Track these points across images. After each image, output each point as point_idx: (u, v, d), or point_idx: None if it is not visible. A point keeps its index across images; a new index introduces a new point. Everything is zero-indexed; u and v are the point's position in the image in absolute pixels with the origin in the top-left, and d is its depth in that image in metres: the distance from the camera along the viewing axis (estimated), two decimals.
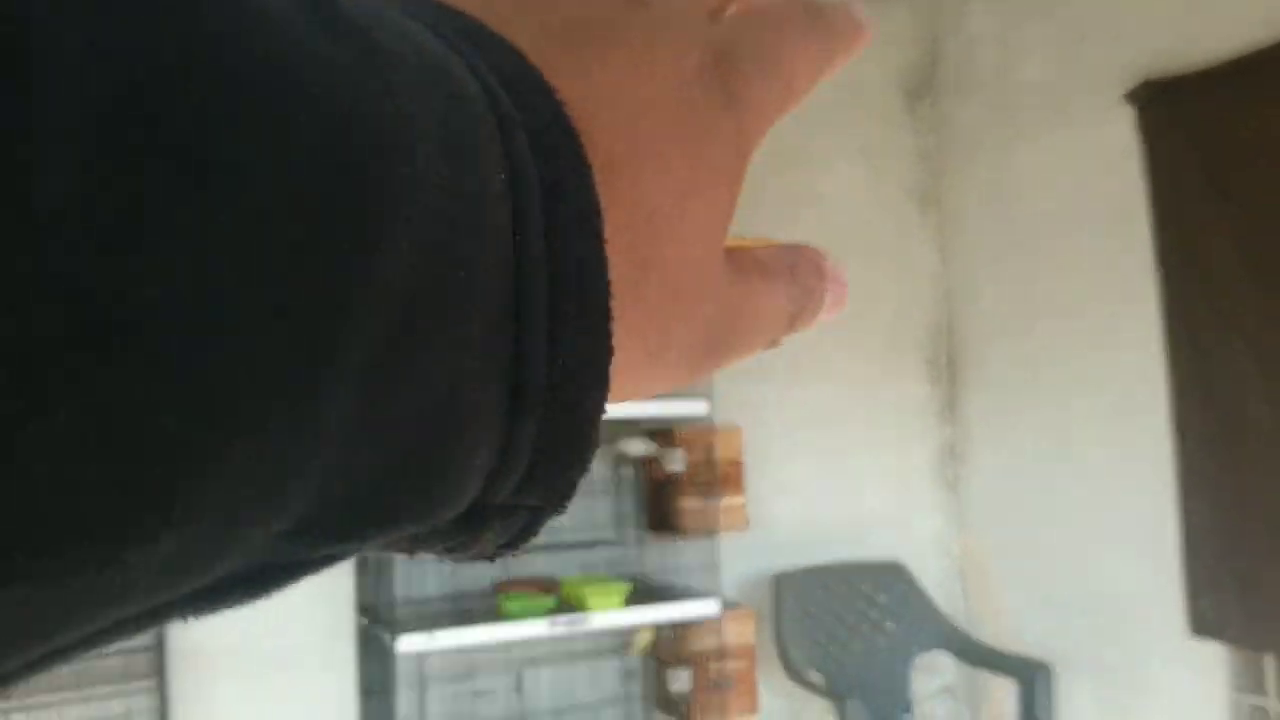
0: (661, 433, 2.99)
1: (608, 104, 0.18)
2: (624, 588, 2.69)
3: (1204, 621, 2.85)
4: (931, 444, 3.70)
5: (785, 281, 0.23)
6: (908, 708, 3.14)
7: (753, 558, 3.27)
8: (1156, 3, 3.01)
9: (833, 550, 3.36)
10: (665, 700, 3.00)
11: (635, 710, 3.15)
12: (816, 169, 3.58)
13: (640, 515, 3.16)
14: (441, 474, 0.14)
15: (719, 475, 2.94)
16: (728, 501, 2.98)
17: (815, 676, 3.01)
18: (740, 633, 2.95)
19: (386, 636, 2.46)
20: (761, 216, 3.37)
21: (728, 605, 2.90)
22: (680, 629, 2.92)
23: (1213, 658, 2.85)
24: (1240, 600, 2.75)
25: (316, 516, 0.13)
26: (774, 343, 0.23)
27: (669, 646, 2.97)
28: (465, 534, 0.16)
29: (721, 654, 2.82)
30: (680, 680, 2.84)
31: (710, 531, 2.90)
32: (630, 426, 3.01)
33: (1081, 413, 3.24)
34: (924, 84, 3.85)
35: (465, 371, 0.14)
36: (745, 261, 0.22)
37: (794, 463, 3.42)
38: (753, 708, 2.95)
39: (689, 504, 2.95)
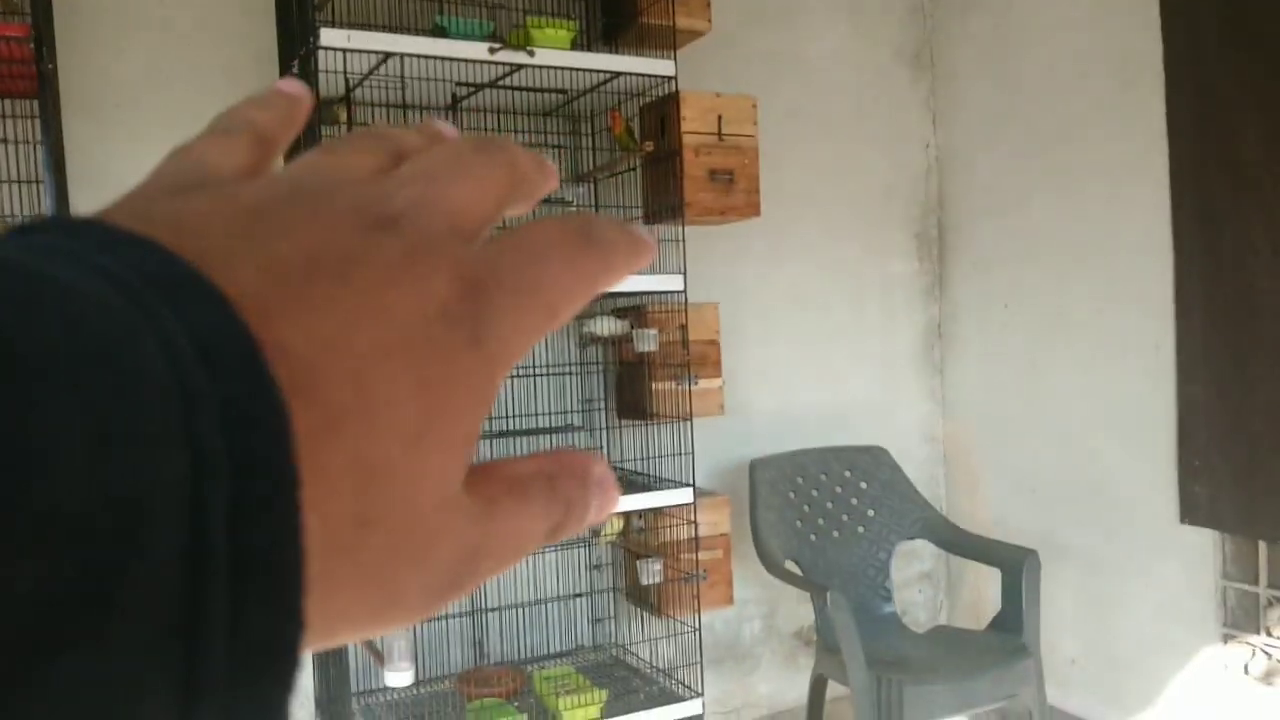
0: (632, 310, 2.78)
1: (335, 351, 0.17)
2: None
3: (1195, 508, 2.73)
4: (918, 325, 3.52)
5: (543, 500, 0.22)
6: (889, 597, 3.03)
7: (728, 444, 3.10)
8: None
9: (812, 438, 3.20)
10: (636, 592, 2.86)
11: (604, 602, 3.03)
12: (800, 30, 3.28)
13: (609, 398, 2.97)
14: None
15: (693, 355, 2.74)
16: (704, 385, 2.79)
17: (792, 566, 2.88)
18: (714, 522, 2.81)
19: None
20: (741, 81, 3.09)
21: (701, 493, 2.74)
22: (651, 518, 2.77)
23: (1202, 545, 2.74)
24: (1235, 486, 2.63)
25: None
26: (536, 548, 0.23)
27: (639, 537, 2.82)
28: None
29: (694, 544, 2.68)
30: (651, 572, 2.70)
31: (684, 416, 2.72)
32: (598, 304, 2.79)
33: (1078, 292, 3.05)
34: None
35: (120, 682, 0.13)
36: (495, 483, 0.21)
37: (773, 346, 3.23)
38: (728, 599, 2.83)
39: (661, 387, 2.76)
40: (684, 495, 2.63)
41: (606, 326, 2.75)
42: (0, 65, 2.16)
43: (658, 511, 2.71)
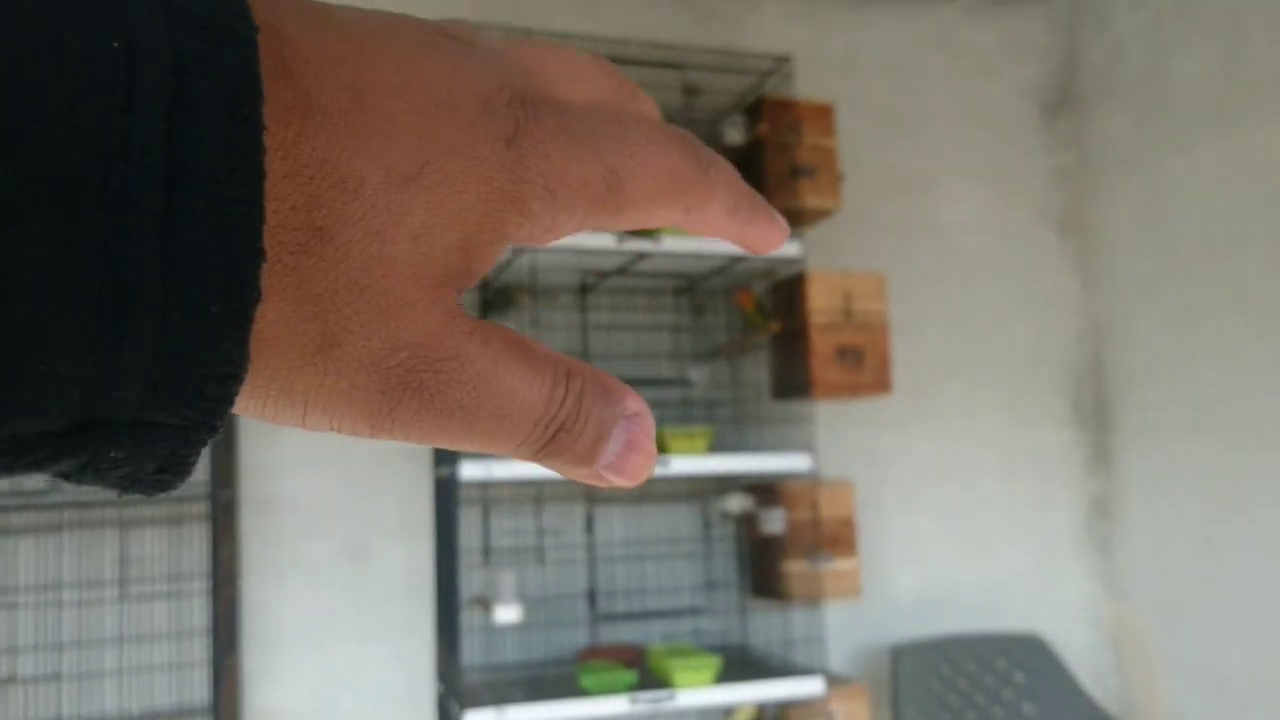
0: (762, 487, 2.74)
1: (344, 62, 0.17)
2: (714, 662, 2.44)
3: None
4: (1078, 499, 3.29)
5: (549, 378, 0.20)
6: None
7: (867, 628, 2.95)
8: None
9: (960, 621, 3.00)
10: None
11: None
12: (938, 194, 3.26)
13: (740, 579, 2.91)
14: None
15: (825, 535, 2.66)
16: (838, 565, 2.69)
17: None
18: (852, 713, 2.65)
19: (455, 709, 2.30)
20: (875, 249, 3.09)
21: (837, 681, 2.60)
22: (783, 709, 2.65)
23: None
24: None
25: None
26: (520, 451, 0.20)
27: None
28: (83, 452, 0.14)
29: None
30: None
31: (816, 598, 2.62)
32: (727, 481, 2.78)
33: (1255, 463, 2.79)
34: (1062, 97, 3.47)
35: (17, 264, 0.12)
36: (506, 338, 0.19)
37: (914, 520, 3.09)
38: None
39: (792, 567, 2.68)
40: (814, 684, 2.51)
41: (736, 504, 2.72)
42: None
43: (787, 704, 2.59)
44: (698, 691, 2.41)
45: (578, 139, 0.19)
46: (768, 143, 2.78)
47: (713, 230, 0.25)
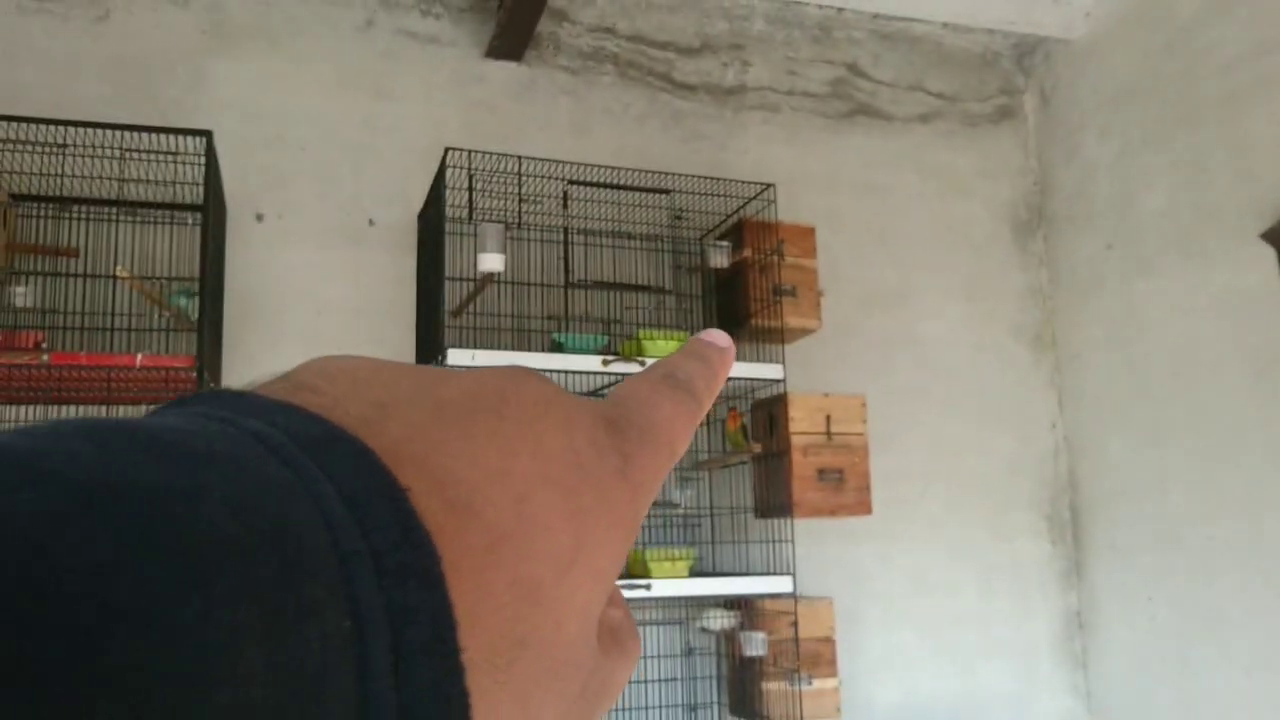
0: (743, 602, 2.76)
1: (497, 478, 0.18)
2: None
3: None
4: (1055, 612, 3.32)
5: (636, 646, 0.23)
6: None
7: None
8: None
9: None
10: None
11: None
12: (914, 310, 3.34)
13: (720, 695, 2.91)
14: None
15: (806, 654, 2.68)
16: (818, 685, 2.71)
17: None
18: None
19: None
20: (854, 364, 3.16)
21: None
22: None
23: None
24: None
25: None
26: None
27: None
28: None
29: None
30: None
31: (796, 719, 2.63)
32: (707, 598, 2.79)
33: (1226, 585, 2.84)
34: (1034, 217, 3.59)
35: None
36: (627, 631, 0.22)
37: (895, 634, 3.11)
38: None
39: (772, 687, 2.69)
40: None
41: (717, 621, 2.74)
42: (163, 390, 2.46)
43: None
44: None
45: (648, 433, 0.22)
46: (750, 265, 2.86)
47: None
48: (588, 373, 2.55)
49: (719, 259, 2.85)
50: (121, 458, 0.14)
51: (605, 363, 2.56)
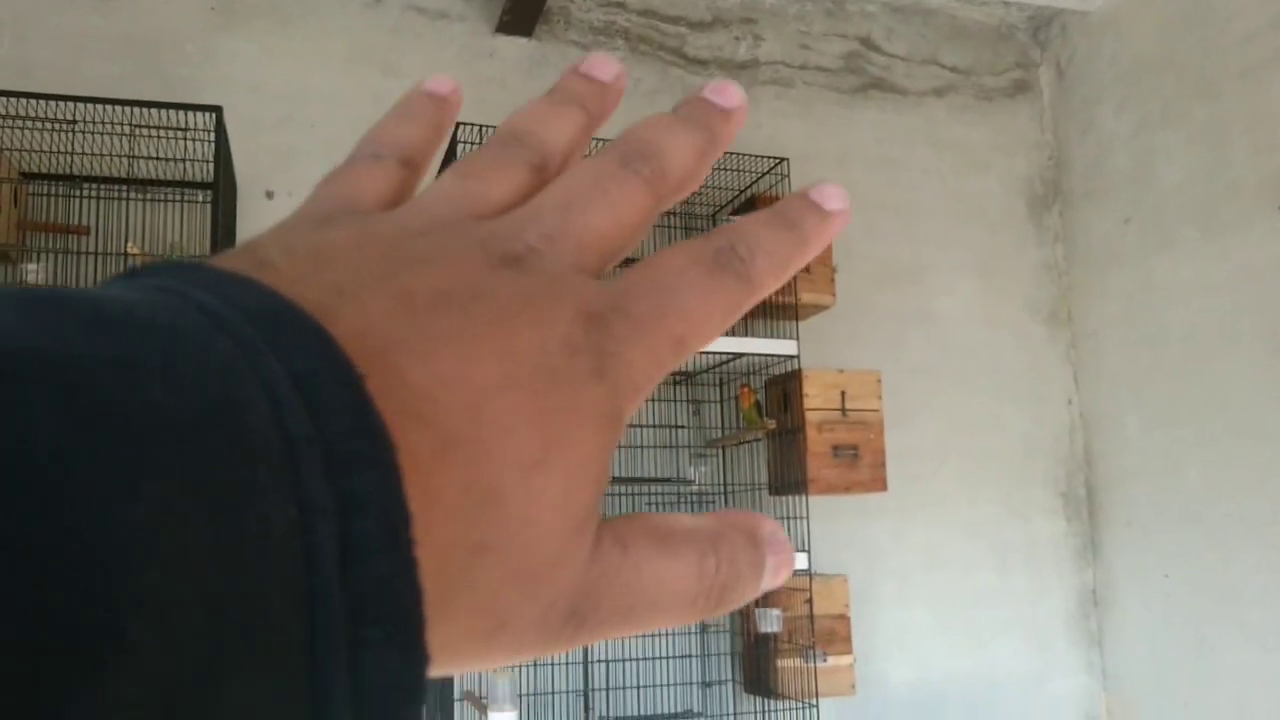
0: None
1: (454, 383, 0.18)
2: None
3: None
4: (1070, 590, 3.31)
5: (696, 555, 0.21)
6: None
7: None
8: None
9: (956, 715, 3.00)
10: None
11: None
12: (929, 286, 3.32)
13: (735, 676, 2.90)
14: None
15: (820, 631, 2.67)
16: (833, 662, 2.70)
17: None
18: None
19: None
20: (868, 341, 3.14)
21: None
22: None
23: None
24: None
25: None
26: (691, 619, 0.21)
27: None
28: None
29: None
30: None
31: (811, 696, 2.62)
32: None
33: (1244, 562, 2.82)
34: (1049, 192, 3.55)
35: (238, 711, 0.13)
36: (636, 529, 0.21)
37: (909, 612, 3.10)
38: None
39: (787, 664, 2.68)
40: None
41: None
42: None
43: None
44: None
45: (644, 326, 0.21)
46: None
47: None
48: None
49: None
50: (50, 327, 0.13)
51: None
